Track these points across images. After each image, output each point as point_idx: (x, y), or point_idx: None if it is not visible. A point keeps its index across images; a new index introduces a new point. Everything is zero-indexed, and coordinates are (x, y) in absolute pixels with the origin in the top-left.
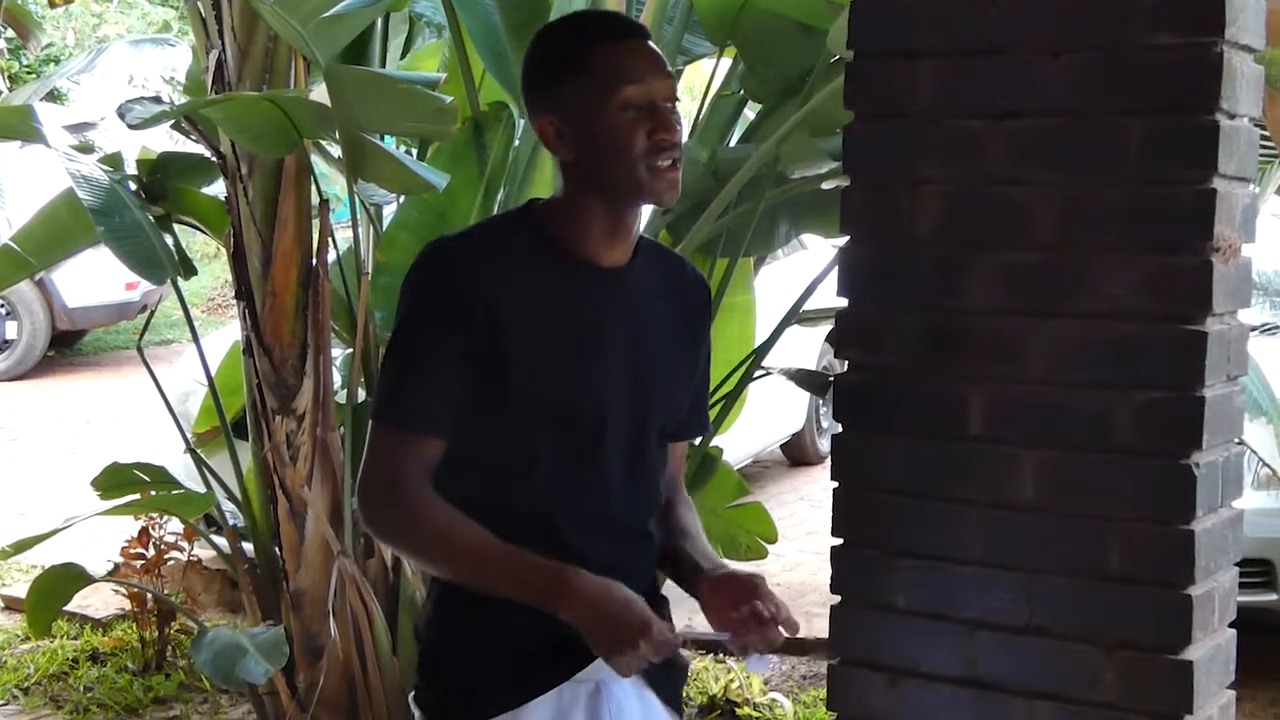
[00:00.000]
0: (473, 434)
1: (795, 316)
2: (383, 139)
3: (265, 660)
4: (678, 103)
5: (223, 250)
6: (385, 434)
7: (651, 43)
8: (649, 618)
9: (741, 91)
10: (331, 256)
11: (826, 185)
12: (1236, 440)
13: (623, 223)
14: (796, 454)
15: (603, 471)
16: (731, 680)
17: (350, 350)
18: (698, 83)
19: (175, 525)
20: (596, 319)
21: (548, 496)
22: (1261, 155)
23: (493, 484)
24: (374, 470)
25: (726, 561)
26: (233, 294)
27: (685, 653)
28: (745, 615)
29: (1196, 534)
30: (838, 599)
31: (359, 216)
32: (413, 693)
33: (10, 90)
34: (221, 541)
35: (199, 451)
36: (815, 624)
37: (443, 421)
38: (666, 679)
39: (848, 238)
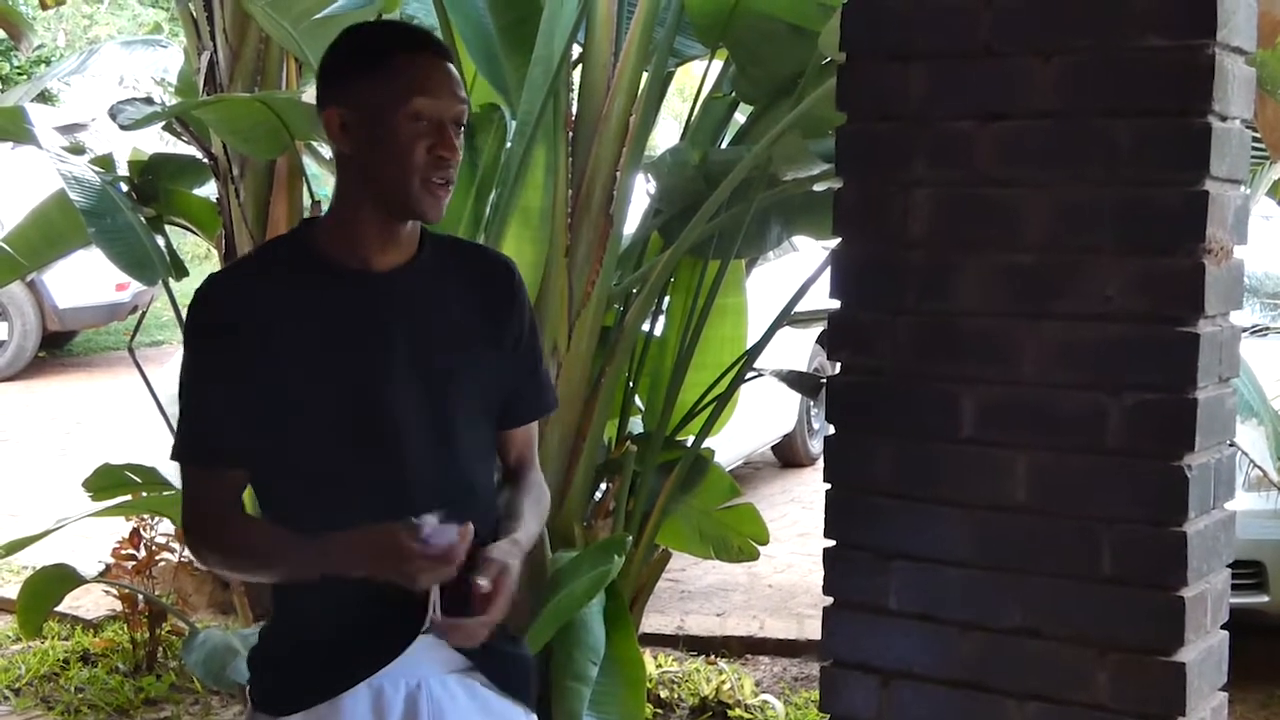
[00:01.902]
0: (274, 456)
1: (787, 318)
2: None
3: None
4: (462, 130)
5: (213, 251)
6: (184, 472)
7: (453, 66)
8: (393, 529)
9: (733, 93)
10: None
11: (818, 187)
12: (1228, 442)
13: (392, 228)
14: (788, 455)
15: (404, 473)
16: (723, 682)
17: None
18: (689, 85)
19: (166, 526)
20: (373, 324)
21: (352, 506)
22: (1253, 157)
23: (301, 501)
24: (184, 506)
25: (521, 539)
26: None
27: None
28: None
29: (1189, 535)
30: (830, 600)
31: None
32: (246, 686)
33: (2, 91)
34: None
35: None
36: (807, 626)
37: (231, 451)
38: (506, 673)
39: (840, 239)
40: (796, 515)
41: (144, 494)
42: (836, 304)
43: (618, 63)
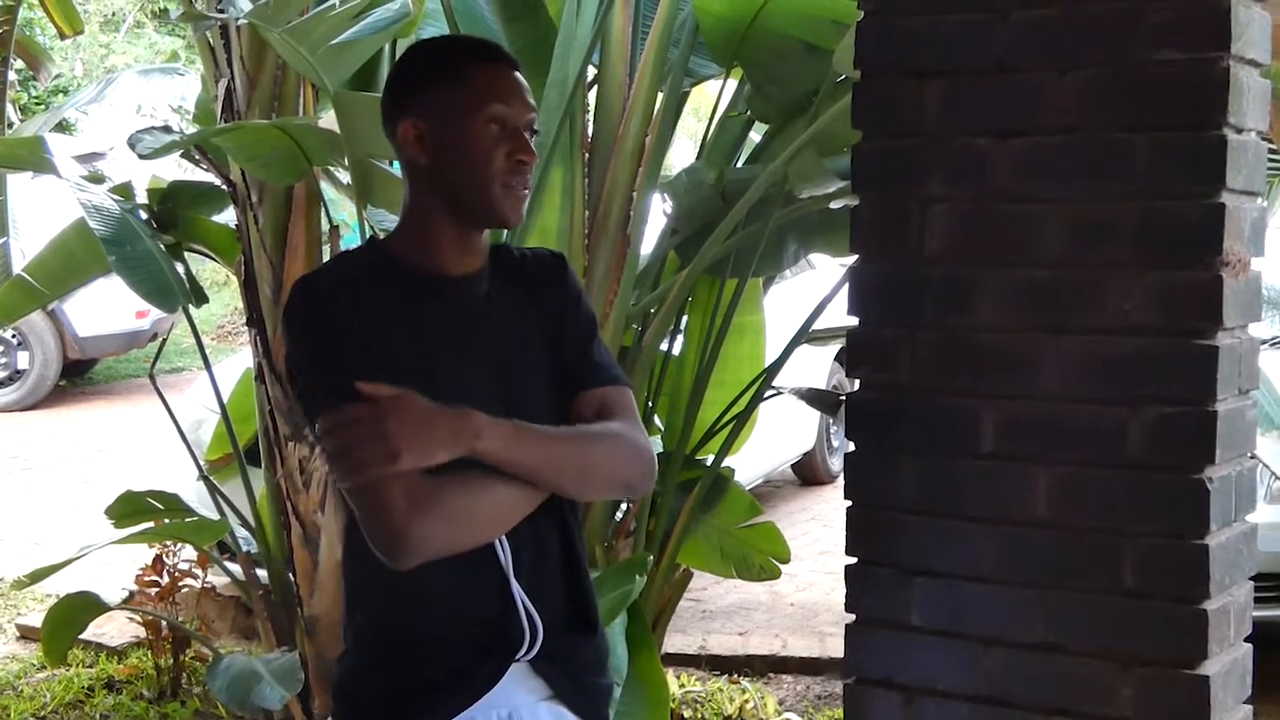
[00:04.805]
0: None
1: (805, 336)
2: (391, 164)
3: (280, 686)
4: (537, 136)
5: (233, 277)
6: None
7: (521, 76)
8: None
9: (748, 112)
10: None
11: (834, 205)
12: (1249, 454)
13: (469, 238)
14: (807, 473)
15: None
16: (746, 701)
17: None
18: (704, 104)
19: (189, 552)
20: (454, 330)
21: None
22: (1269, 169)
23: None
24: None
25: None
26: (243, 321)
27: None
28: None
29: (1211, 548)
30: (852, 618)
31: None
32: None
33: (21, 121)
34: (235, 568)
35: (212, 478)
36: (829, 643)
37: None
38: (591, 703)
39: (858, 257)
40: (817, 533)
41: (166, 521)
42: (855, 321)
43: (633, 83)
